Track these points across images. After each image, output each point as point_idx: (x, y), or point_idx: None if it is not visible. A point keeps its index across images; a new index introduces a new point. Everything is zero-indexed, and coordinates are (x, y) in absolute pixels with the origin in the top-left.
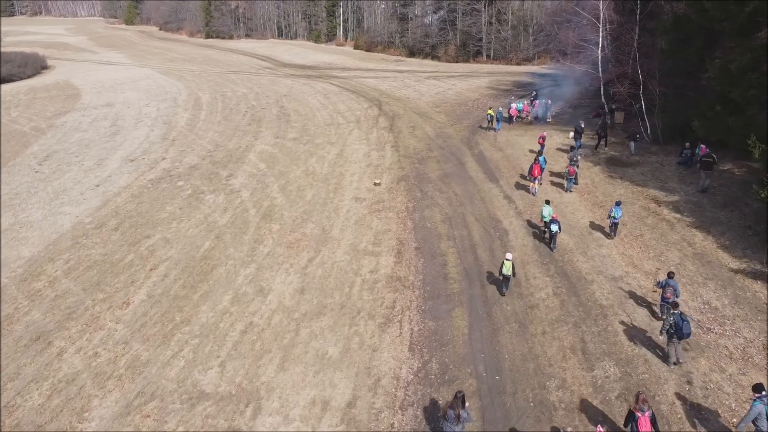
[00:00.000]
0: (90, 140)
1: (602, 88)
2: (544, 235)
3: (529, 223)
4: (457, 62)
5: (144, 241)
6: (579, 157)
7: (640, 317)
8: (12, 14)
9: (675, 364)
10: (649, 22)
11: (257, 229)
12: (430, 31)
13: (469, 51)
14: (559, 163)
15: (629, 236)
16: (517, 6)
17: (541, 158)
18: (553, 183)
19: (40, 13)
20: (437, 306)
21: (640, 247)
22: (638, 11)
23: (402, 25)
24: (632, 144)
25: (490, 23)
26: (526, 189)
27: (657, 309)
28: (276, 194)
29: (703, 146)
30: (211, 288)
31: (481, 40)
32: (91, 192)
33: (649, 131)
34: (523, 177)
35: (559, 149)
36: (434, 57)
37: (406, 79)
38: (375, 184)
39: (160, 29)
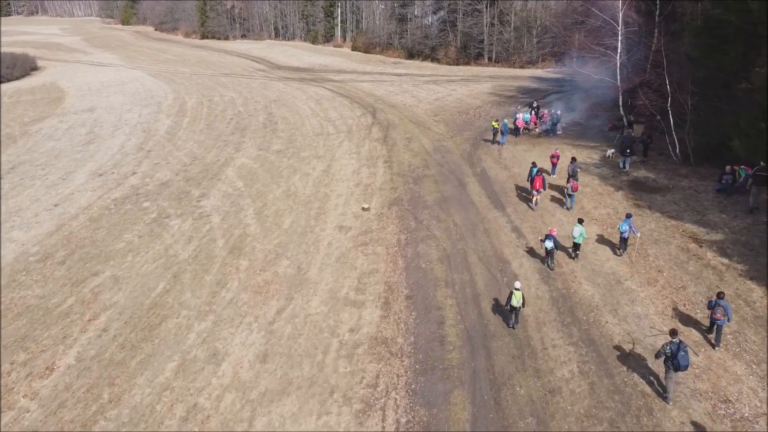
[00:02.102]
0: (61, 150)
1: (620, 98)
2: (572, 257)
3: (545, 264)
4: (457, 65)
5: (90, 279)
6: (579, 170)
7: (699, 414)
8: (8, 14)
9: (668, 399)
10: (672, 25)
11: (222, 266)
12: (430, 32)
13: (470, 53)
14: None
15: (668, 287)
16: (520, 6)
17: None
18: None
19: (37, 12)
20: (431, 385)
21: (684, 305)
22: (657, 12)
23: (401, 26)
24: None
25: (492, 24)
26: (536, 218)
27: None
28: (250, 220)
29: (747, 168)
30: (155, 350)
31: (482, 41)
32: (47, 213)
33: (678, 149)
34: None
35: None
36: (434, 59)
37: (404, 84)
38: (363, 209)
39: (156, 29)
